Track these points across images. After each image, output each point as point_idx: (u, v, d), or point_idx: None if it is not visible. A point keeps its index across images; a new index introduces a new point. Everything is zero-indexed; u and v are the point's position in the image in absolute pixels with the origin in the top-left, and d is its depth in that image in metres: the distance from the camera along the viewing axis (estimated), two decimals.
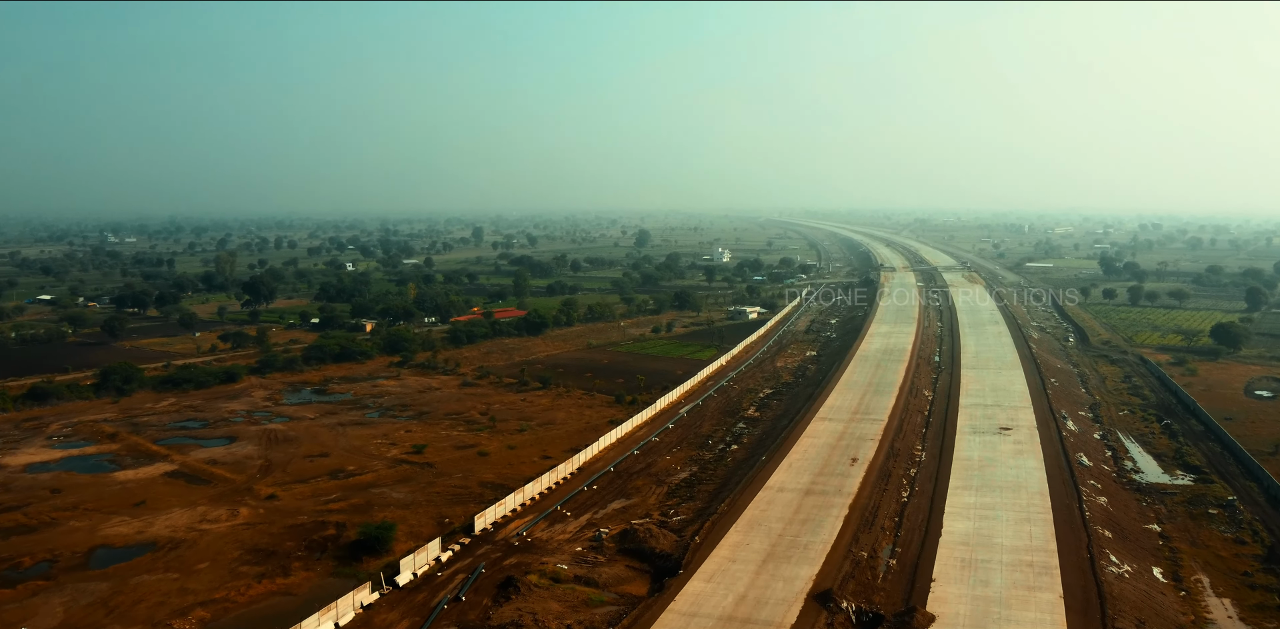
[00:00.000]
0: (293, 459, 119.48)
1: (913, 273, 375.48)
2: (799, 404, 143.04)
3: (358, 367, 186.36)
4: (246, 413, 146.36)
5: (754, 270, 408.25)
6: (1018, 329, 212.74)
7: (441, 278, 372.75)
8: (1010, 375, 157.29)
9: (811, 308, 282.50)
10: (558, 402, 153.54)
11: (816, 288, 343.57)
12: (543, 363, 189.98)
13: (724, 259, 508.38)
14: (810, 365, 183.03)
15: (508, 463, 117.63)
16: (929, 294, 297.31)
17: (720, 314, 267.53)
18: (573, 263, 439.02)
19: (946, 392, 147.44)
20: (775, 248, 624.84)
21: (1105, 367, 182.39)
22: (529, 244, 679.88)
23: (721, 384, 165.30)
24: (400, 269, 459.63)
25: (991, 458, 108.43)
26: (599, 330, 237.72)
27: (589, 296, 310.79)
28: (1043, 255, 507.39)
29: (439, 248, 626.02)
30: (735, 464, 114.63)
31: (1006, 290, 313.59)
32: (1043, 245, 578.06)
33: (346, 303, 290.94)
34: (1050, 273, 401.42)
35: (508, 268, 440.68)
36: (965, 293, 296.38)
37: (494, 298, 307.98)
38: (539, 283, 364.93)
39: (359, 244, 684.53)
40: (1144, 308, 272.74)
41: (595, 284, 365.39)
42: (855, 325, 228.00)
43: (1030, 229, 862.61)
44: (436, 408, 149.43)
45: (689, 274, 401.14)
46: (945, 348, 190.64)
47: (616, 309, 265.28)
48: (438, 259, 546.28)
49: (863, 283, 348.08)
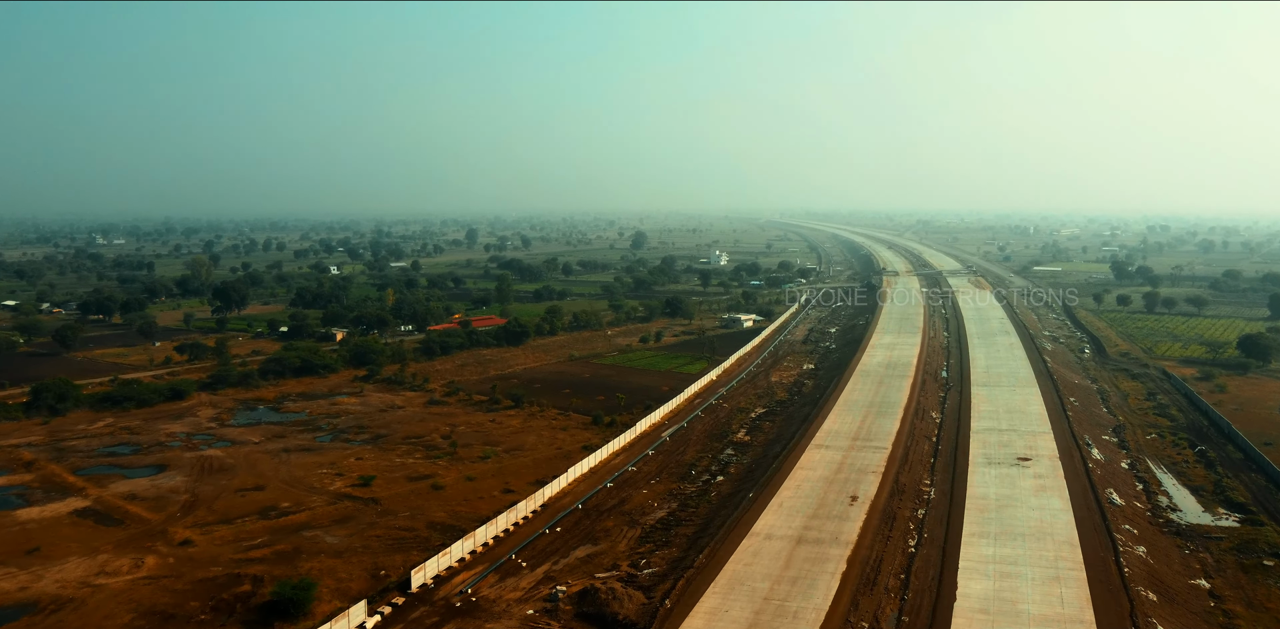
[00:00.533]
0: (222, 493, 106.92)
1: (916, 277, 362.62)
2: (793, 427, 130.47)
3: (319, 382, 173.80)
4: (186, 436, 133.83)
5: (751, 274, 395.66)
6: (1029, 339, 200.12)
7: (425, 282, 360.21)
8: (1025, 394, 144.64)
9: (810, 315, 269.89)
10: (529, 423, 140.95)
11: (816, 293, 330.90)
12: (519, 377, 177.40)
13: (721, 262, 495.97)
14: (807, 380, 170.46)
15: (464, 498, 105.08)
16: (934, 300, 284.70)
17: (713, 322, 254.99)
18: (564, 266, 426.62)
19: (956, 413, 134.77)
20: (774, 250, 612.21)
21: (1126, 382, 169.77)
22: (522, 246, 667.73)
23: (710, 402, 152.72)
24: (386, 273, 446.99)
25: (1010, 496, 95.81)
26: (584, 340, 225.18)
27: (576, 303, 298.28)
28: (1050, 259, 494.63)
29: (430, 250, 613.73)
30: (720, 500, 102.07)
31: (1015, 296, 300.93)
32: (1049, 248, 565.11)
33: (322, 309, 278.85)
34: (1059, 277, 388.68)
35: (496, 271, 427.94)
36: (972, 299, 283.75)
37: (478, 304, 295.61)
38: (527, 287, 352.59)
39: (349, 246, 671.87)
40: (1161, 315, 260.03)
41: (586, 289, 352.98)
42: (856, 335, 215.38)
43: (1035, 231, 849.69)
44: (396, 430, 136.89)
45: (684, 278, 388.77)
46: (953, 361, 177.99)
47: (604, 317, 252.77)
48: (427, 262, 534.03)
49: (864, 288, 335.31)
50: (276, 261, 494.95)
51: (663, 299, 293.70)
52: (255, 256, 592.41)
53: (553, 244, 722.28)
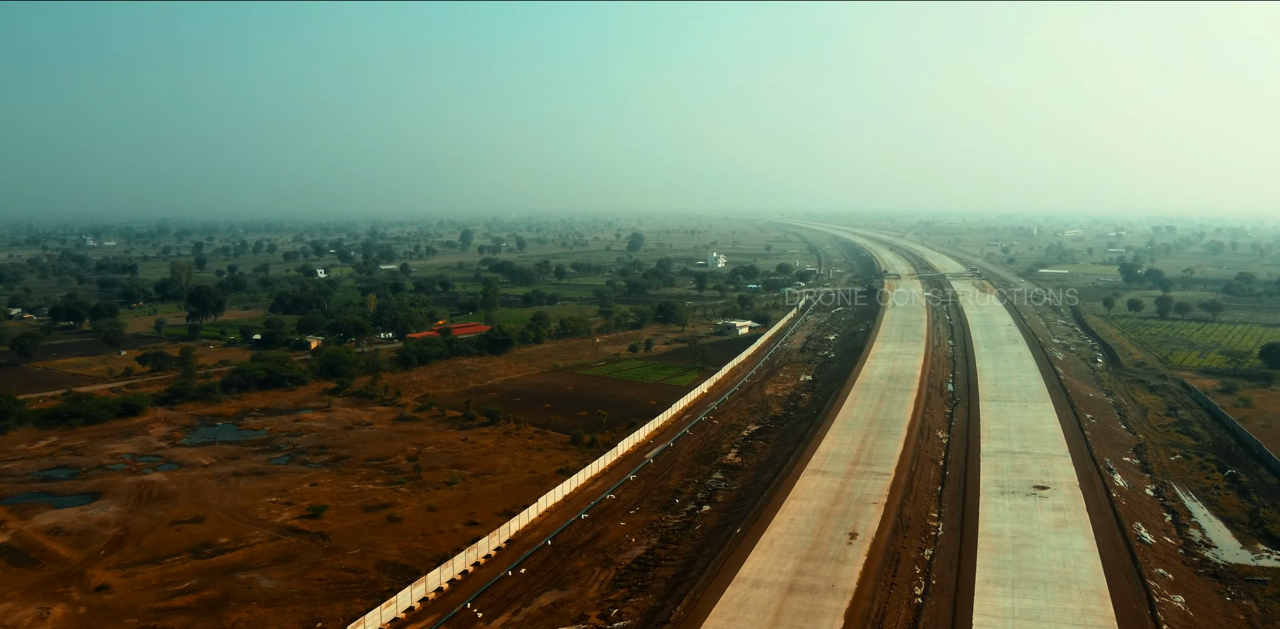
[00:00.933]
0: (157, 526, 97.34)
1: (919, 281, 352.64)
2: (788, 448, 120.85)
3: (285, 395, 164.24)
4: (132, 457, 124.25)
5: (749, 277, 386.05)
6: (1039, 348, 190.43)
7: (412, 286, 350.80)
8: (1038, 410, 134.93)
9: (809, 321, 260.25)
10: (503, 442, 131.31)
11: (815, 298, 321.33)
12: (498, 390, 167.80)
13: (718, 265, 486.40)
14: (804, 393, 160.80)
15: (422, 532, 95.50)
16: (938, 305, 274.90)
17: (707, 329, 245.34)
18: (557, 269, 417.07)
19: (964, 433, 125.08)
20: (773, 252, 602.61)
21: (1143, 395, 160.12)
22: (517, 248, 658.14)
23: (700, 419, 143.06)
24: (374, 276, 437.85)
25: (1027, 532, 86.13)
26: (570, 348, 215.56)
27: (565, 308, 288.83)
28: (1055, 261, 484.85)
29: (422, 252, 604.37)
30: (704, 535, 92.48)
31: (1021, 301, 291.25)
32: (1054, 250, 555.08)
33: (302, 315, 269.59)
34: (1066, 280, 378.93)
35: (487, 274, 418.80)
36: (977, 304, 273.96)
37: (464, 309, 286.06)
38: (518, 291, 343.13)
39: (341, 248, 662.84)
40: (1174, 321, 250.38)
41: (578, 293, 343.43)
42: (856, 343, 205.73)
43: (1039, 232, 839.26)
44: (359, 450, 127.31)
45: (679, 281, 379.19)
46: (959, 373, 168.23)
47: (592, 324, 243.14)
48: (418, 264, 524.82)
49: (865, 292, 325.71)
50: (264, 264, 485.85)
51: (656, 304, 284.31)
52: (245, 259, 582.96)
53: (549, 246, 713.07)
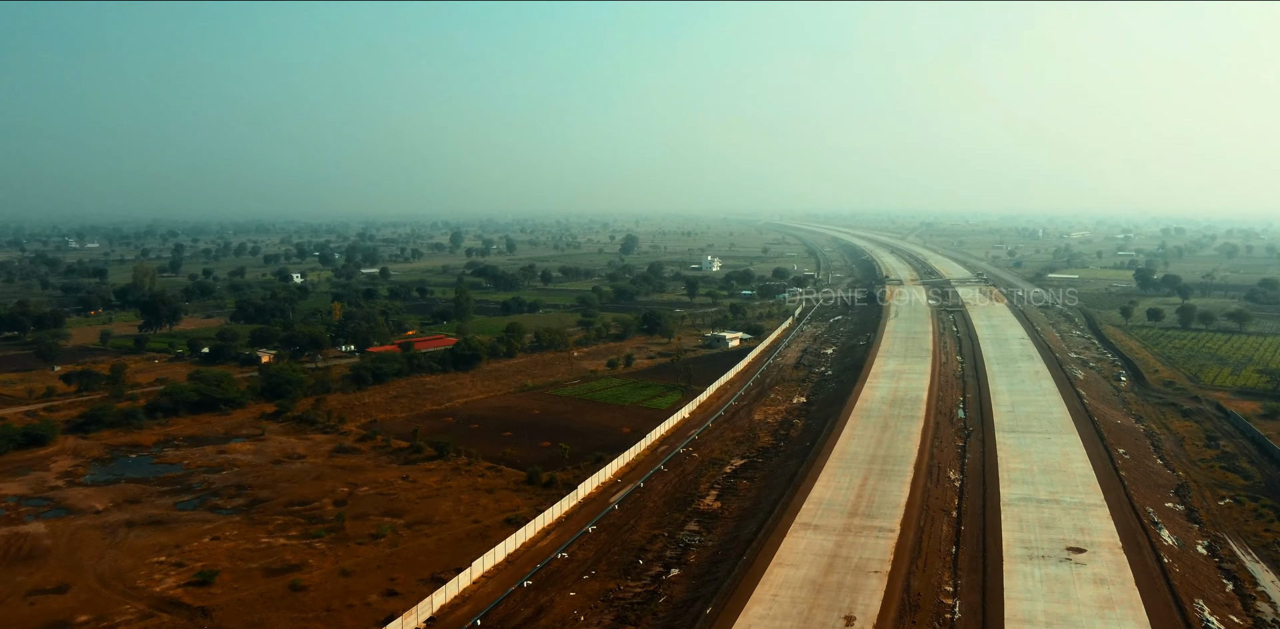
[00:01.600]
0: (9, 598, 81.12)
1: (922, 287, 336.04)
2: (775, 491, 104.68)
3: (218, 420, 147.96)
4: (18, 500, 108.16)
5: (743, 283, 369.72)
6: (1057, 366, 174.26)
7: (386, 291, 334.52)
8: (1063, 444, 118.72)
9: (805, 332, 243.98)
10: (450, 481, 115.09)
11: (812, 305, 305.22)
12: (456, 414, 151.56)
13: (713, 269, 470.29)
14: (796, 419, 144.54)
15: (327, 606, 79.31)
16: (943, 315, 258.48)
17: (695, 340, 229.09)
18: (543, 273, 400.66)
19: (980, 473, 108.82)
20: (771, 255, 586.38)
21: (1177, 421, 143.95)
22: (507, 251, 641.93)
23: (677, 451, 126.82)
24: (353, 280, 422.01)
25: (1065, 617, 69.96)
26: (545, 363, 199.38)
27: (545, 317, 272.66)
28: (1064, 264, 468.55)
29: (408, 255, 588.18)
30: (669, 612, 76.45)
31: (1032, 309, 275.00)
32: (1062, 253, 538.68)
33: (264, 324, 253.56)
34: (1077, 286, 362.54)
35: (470, 279, 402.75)
36: (986, 313, 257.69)
37: (438, 318, 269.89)
38: (499, 298, 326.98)
39: (326, 250, 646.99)
40: (1198, 332, 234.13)
41: (562, 299, 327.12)
42: (856, 359, 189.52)
43: (1044, 234, 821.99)
44: (282, 491, 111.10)
45: (670, 287, 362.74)
46: (970, 396, 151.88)
47: (570, 336, 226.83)
48: (401, 268, 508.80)
49: (866, 299, 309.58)
50: (240, 268, 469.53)
51: (643, 312, 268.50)
52: (225, 262, 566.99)
53: (540, 248, 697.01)
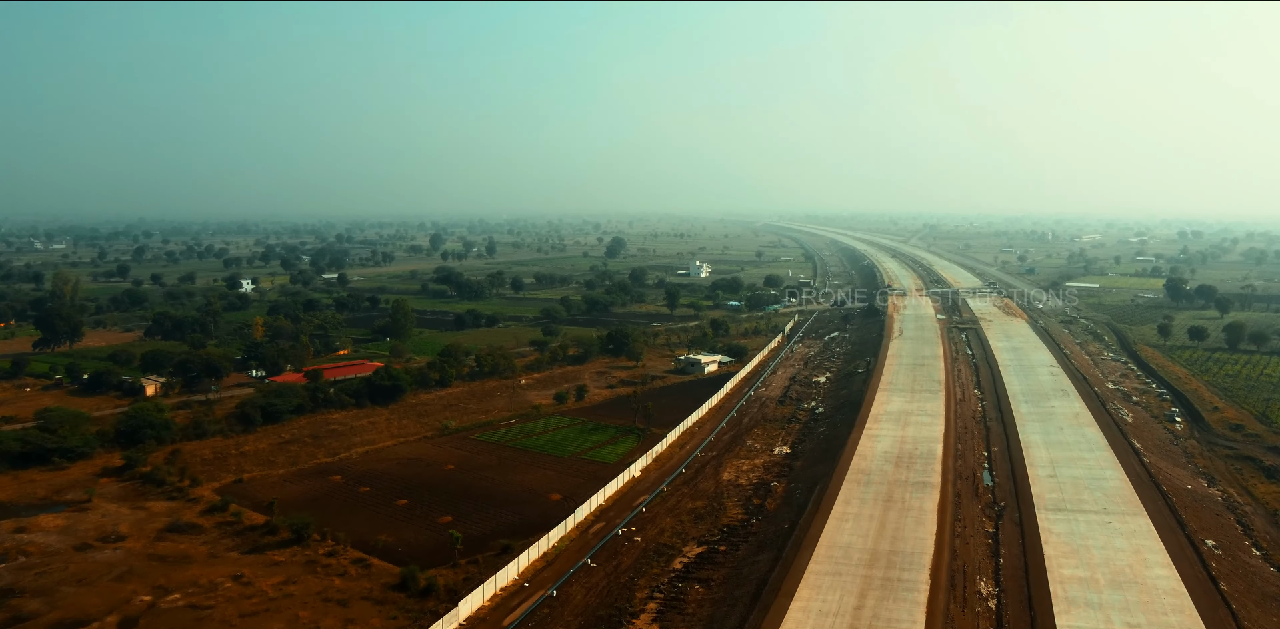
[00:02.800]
0: None
1: (928, 298, 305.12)
2: (737, 610, 74.59)
3: (46, 478, 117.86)
4: None
5: (731, 291, 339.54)
6: (1099, 404, 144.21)
7: (331, 300, 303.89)
8: (1131, 531, 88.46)
9: (795, 354, 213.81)
10: (296, 583, 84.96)
11: (806, 318, 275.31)
12: (349, 471, 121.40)
13: (701, 274, 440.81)
14: (776, 481, 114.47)
15: None
16: (955, 333, 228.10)
17: (667, 363, 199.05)
18: (513, 280, 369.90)
19: (1023, 585, 78.48)
20: (765, 259, 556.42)
21: (1261, 484, 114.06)
22: (486, 254, 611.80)
23: (615, 533, 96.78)
24: (309, 286, 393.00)
25: None
26: (484, 394, 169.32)
27: (501, 333, 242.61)
28: (1081, 271, 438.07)
29: (379, 258, 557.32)
30: None
31: (1054, 326, 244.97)
32: (1076, 258, 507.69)
33: (181, 340, 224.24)
34: (1100, 296, 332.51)
35: (435, 286, 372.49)
36: (1004, 331, 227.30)
37: (380, 334, 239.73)
38: (460, 307, 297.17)
39: (295, 253, 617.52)
40: (1250, 354, 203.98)
41: (529, 310, 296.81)
42: (853, 392, 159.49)
43: (1054, 237, 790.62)
44: (60, 601, 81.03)
45: (650, 296, 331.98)
46: (998, 450, 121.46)
47: (526, 355, 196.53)
48: (369, 272, 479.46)
49: (866, 312, 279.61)
50: (191, 273, 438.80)
51: (614, 327, 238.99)
52: (186, 265, 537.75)
53: (523, 251, 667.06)
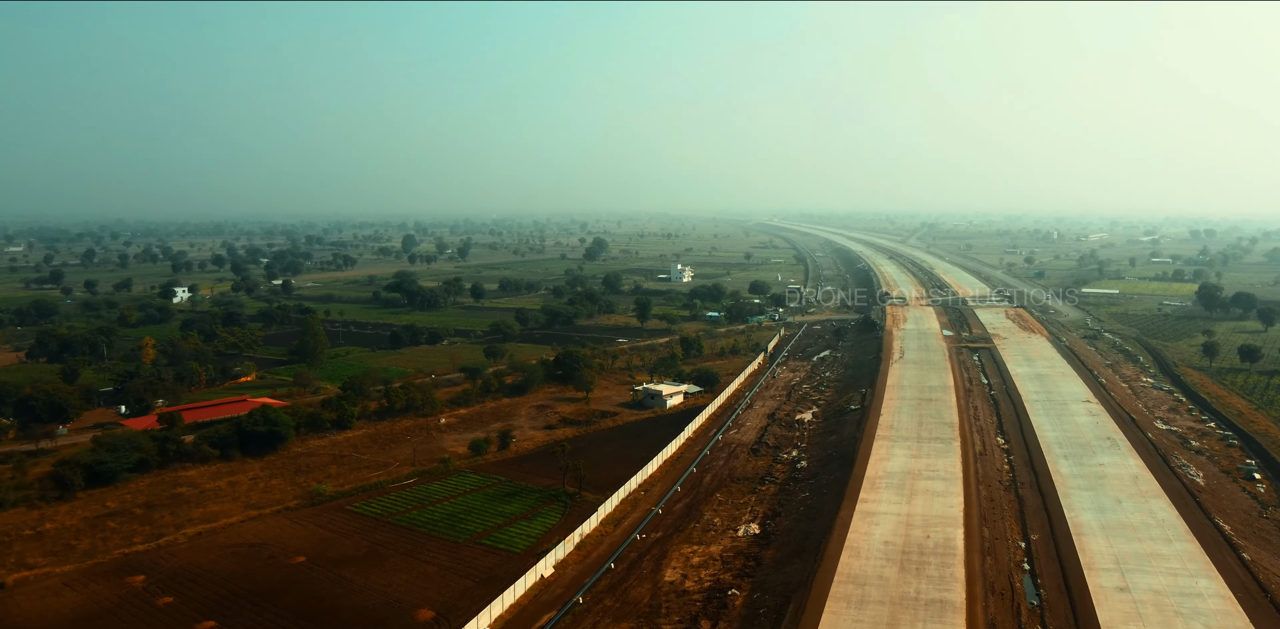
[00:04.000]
0: None
1: (932, 310, 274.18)
2: None
3: None
4: None
5: (712, 300, 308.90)
6: (1159, 460, 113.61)
7: (257, 313, 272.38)
8: None
9: (777, 380, 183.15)
10: None
11: (793, 332, 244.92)
12: (161, 568, 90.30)
13: (684, 279, 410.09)
14: (735, 588, 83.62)
15: None
16: (965, 355, 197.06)
17: (623, 394, 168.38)
18: (474, 287, 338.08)
19: None
20: (754, 261, 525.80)
21: None
22: (459, 257, 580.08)
23: None
24: (253, 293, 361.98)
25: None
26: (390, 438, 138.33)
27: (439, 353, 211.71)
28: (1095, 275, 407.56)
29: (340, 263, 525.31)
30: None
31: (1078, 342, 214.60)
32: (1087, 259, 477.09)
33: (63, 362, 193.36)
34: (1122, 304, 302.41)
35: (387, 295, 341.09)
36: (1023, 352, 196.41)
37: (297, 356, 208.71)
38: (404, 320, 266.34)
39: (258, 255, 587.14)
40: None
41: (482, 322, 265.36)
42: (844, 439, 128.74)
43: (1060, 237, 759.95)
44: None
45: (622, 305, 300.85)
46: (1039, 538, 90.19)
47: (456, 383, 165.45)
48: (326, 278, 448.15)
49: (861, 325, 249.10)
50: (128, 280, 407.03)
51: (574, 343, 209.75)
52: (135, 270, 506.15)
53: (499, 253, 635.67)
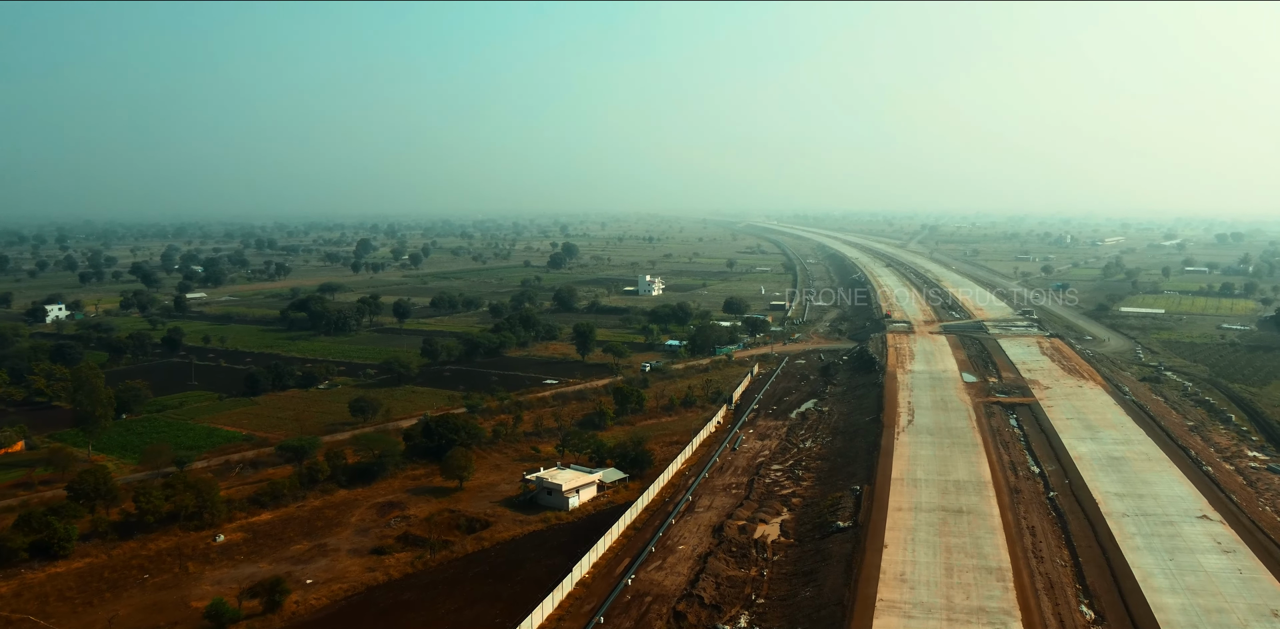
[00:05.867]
0: None
1: (944, 339, 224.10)
2: None
3: None
4: None
5: (677, 321, 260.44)
6: None
7: (110, 341, 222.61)
8: None
9: (739, 454, 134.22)
10: None
11: (769, 372, 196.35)
12: None
13: (653, 292, 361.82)
14: None
15: None
16: (999, 421, 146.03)
17: (513, 481, 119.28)
18: (397, 306, 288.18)
19: None
20: (737, 271, 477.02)
21: None
22: (411, 264, 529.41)
23: None
24: (146, 313, 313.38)
25: None
26: (126, 575, 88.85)
27: (304, 404, 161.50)
28: (1128, 288, 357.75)
29: (273, 271, 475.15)
30: None
31: (1142, 390, 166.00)
32: (1113, 268, 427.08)
33: None
34: (1170, 326, 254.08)
35: (294, 314, 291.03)
36: (1081, 418, 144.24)
37: (77, 421, 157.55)
38: (297, 349, 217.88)
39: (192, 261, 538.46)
40: None
41: (393, 352, 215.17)
42: (822, 602, 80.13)
43: (1073, 240, 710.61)
44: None
45: (564, 331, 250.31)
46: None
47: (246, 477, 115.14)
48: (246, 290, 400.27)
49: (856, 362, 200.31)
50: (8, 294, 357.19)
51: (495, 385, 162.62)
52: (44, 278, 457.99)
53: (459, 260, 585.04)
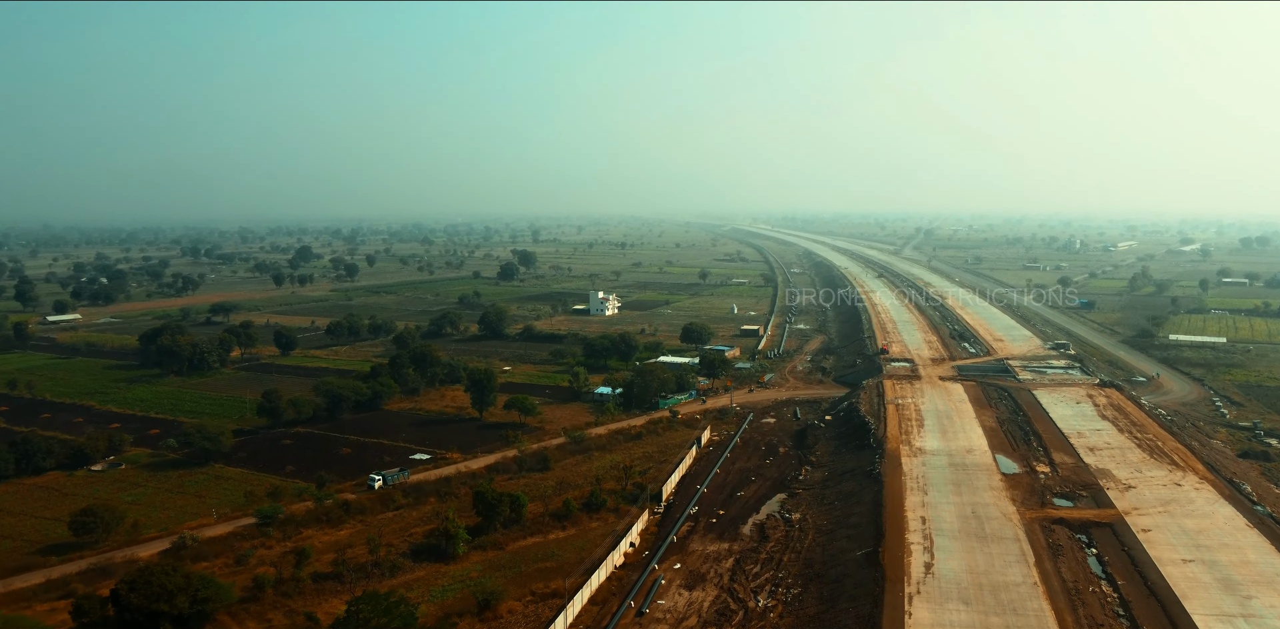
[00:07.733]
0: None
1: (961, 389, 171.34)
2: None
3: None
4: None
5: (620, 356, 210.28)
6: None
7: None
8: None
9: (656, 611, 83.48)
10: None
11: (724, 442, 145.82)
12: None
13: (606, 311, 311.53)
14: None
15: None
16: (1070, 558, 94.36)
17: None
18: (279, 334, 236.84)
19: None
20: (710, 283, 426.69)
21: None
22: (348, 275, 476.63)
23: None
24: None
25: None
26: None
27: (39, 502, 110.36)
28: (1162, 304, 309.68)
29: (181, 285, 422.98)
30: None
31: (1269, 488, 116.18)
32: (1140, 280, 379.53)
33: None
34: (1242, 362, 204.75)
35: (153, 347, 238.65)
36: (1206, 558, 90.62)
37: None
38: (132, 394, 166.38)
39: (106, 272, 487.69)
40: None
41: (248, 396, 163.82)
42: None
43: (1083, 246, 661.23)
44: None
45: (476, 358, 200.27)
46: None
47: None
48: (138, 309, 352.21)
49: (842, 428, 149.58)
50: None
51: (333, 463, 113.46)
52: None
53: (405, 270, 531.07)
